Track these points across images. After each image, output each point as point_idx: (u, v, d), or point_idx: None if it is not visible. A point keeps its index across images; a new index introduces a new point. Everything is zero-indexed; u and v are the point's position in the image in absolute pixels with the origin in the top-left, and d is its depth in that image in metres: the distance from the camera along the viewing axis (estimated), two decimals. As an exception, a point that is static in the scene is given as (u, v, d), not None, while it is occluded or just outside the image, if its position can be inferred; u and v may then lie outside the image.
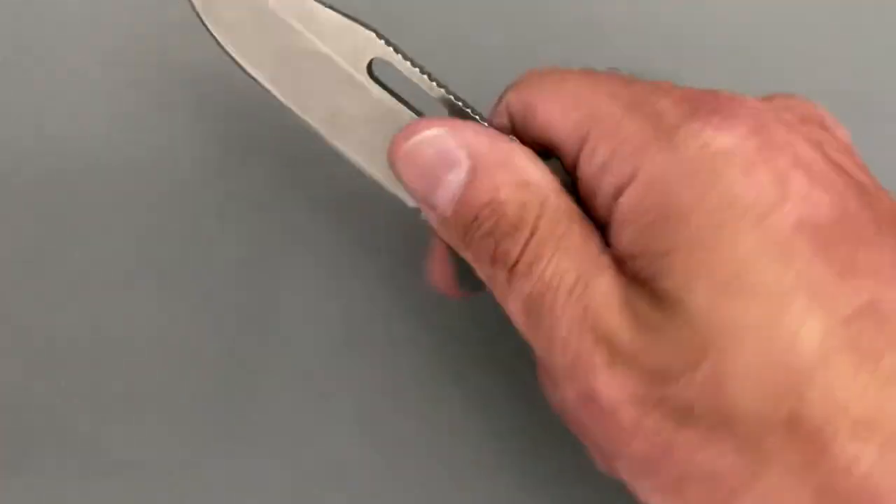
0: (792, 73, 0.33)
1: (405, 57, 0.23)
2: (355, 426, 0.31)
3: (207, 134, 0.32)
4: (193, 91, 0.32)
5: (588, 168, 0.21)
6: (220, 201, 0.31)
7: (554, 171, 0.22)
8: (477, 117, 0.24)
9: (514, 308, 0.22)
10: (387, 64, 0.23)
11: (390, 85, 0.24)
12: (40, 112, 0.32)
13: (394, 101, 0.24)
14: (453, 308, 0.31)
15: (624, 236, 0.20)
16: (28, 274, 0.31)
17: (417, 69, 0.23)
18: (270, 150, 0.32)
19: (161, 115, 0.32)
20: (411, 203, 0.24)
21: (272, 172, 0.32)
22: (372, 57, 0.23)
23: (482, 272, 0.22)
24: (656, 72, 0.32)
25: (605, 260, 0.21)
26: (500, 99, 0.24)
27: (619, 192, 0.21)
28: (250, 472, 0.31)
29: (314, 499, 0.31)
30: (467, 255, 0.22)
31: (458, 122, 0.22)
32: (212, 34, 0.24)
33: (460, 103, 0.24)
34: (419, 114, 0.24)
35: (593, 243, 0.21)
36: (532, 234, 0.21)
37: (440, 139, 0.22)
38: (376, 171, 0.24)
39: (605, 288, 0.20)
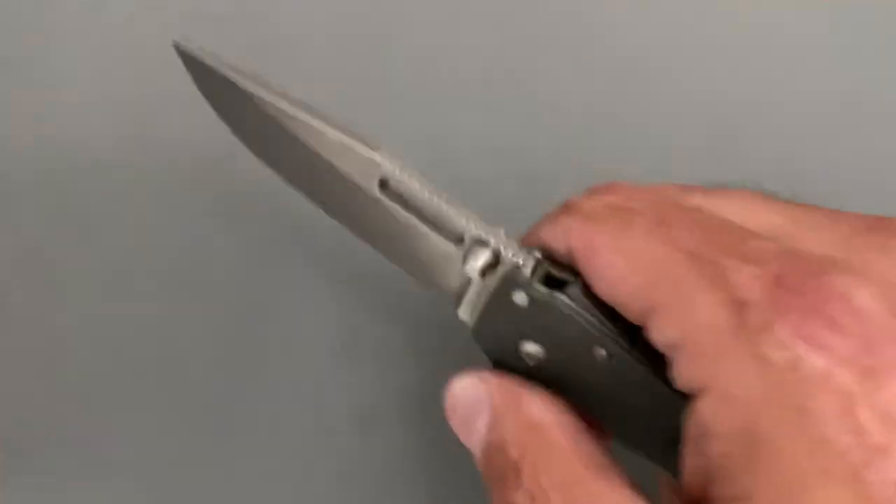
0: (788, 73, 0.33)
1: (411, 176, 0.24)
2: (355, 427, 0.31)
3: (208, 134, 0.32)
4: (194, 90, 0.32)
5: (658, 339, 0.19)
6: (221, 201, 0.31)
7: (573, 297, 0.21)
8: (481, 232, 0.23)
9: None
10: (397, 182, 0.23)
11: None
12: (41, 112, 0.32)
13: (406, 214, 0.23)
14: (454, 308, 0.31)
15: (707, 447, 0.17)
16: (28, 273, 0.31)
17: (426, 190, 0.23)
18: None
19: (162, 115, 0.32)
20: (452, 297, 0.24)
21: (273, 173, 0.32)
22: (381, 177, 0.23)
23: None
24: (654, 72, 0.32)
25: (622, 495, 0.19)
26: (554, 219, 0.22)
27: (694, 390, 0.18)
28: (250, 473, 0.31)
29: (314, 499, 0.31)
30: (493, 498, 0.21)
31: (488, 373, 0.23)
32: (243, 143, 0.25)
33: (474, 221, 0.23)
34: (432, 224, 0.24)
35: (605, 479, 0.19)
36: (534, 475, 0.20)
37: (472, 388, 0.22)
38: (397, 263, 0.24)
39: None
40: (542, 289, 0.22)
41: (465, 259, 0.23)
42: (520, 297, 0.22)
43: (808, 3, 0.33)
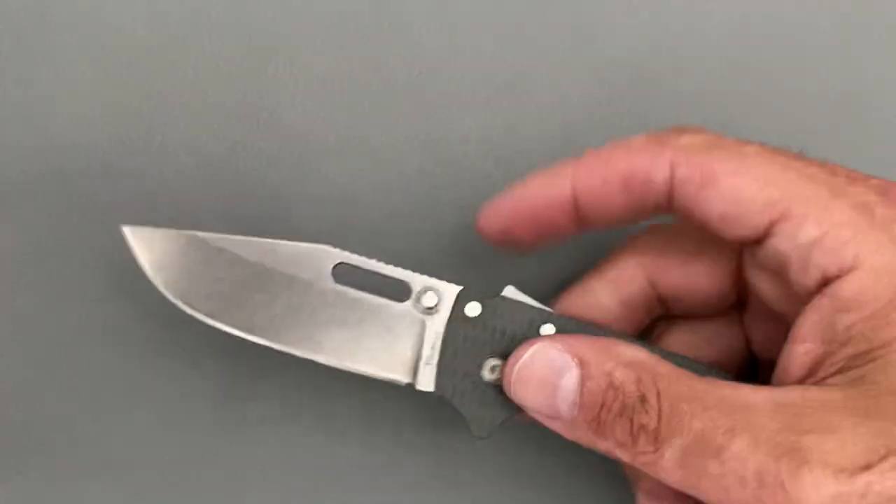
0: (786, 72, 0.33)
1: (359, 256, 0.26)
2: (355, 426, 0.31)
3: (209, 135, 0.32)
4: (195, 91, 0.32)
5: (786, 245, 0.23)
6: (221, 201, 0.31)
7: (511, 293, 0.26)
8: (425, 279, 0.26)
9: (669, 468, 0.22)
10: (349, 267, 0.26)
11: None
12: (42, 113, 0.32)
13: (362, 293, 0.26)
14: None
15: (842, 319, 0.22)
16: (28, 273, 0.31)
17: (373, 260, 0.26)
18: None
19: (162, 116, 0.32)
20: (403, 382, 0.26)
21: (274, 173, 0.32)
22: (334, 264, 0.26)
23: (626, 454, 0.23)
24: (651, 73, 0.32)
25: (738, 391, 0.22)
26: (649, 151, 0.24)
27: (833, 275, 0.22)
28: (250, 473, 0.31)
29: (314, 499, 0.31)
30: (606, 445, 0.23)
31: (557, 336, 0.25)
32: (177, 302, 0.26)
33: (416, 274, 0.26)
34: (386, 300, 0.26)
35: (716, 384, 0.22)
36: (660, 398, 0.22)
37: (543, 352, 0.24)
38: (358, 365, 0.26)
39: (764, 411, 0.21)
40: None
41: (417, 301, 0.26)
42: (472, 308, 0.26)
43: (808, 3, 0.33)
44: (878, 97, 0.33)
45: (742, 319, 0.28)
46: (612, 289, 0.27)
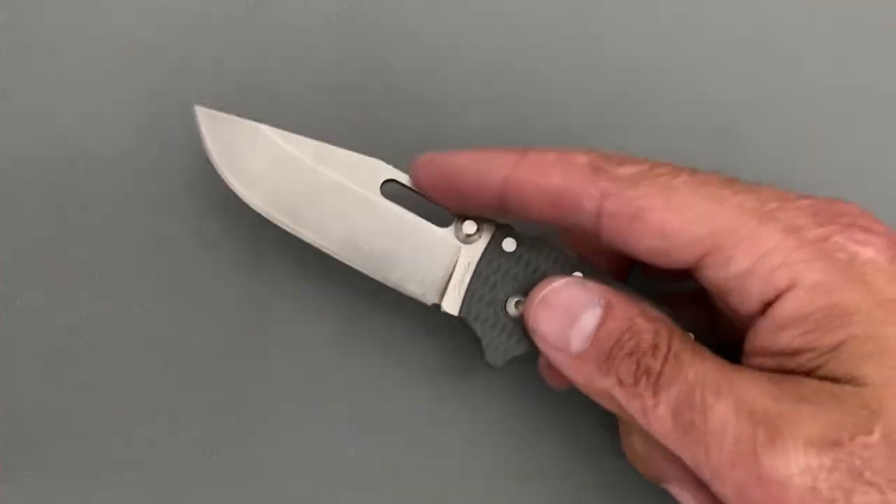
0: (785, 72, 0.33)
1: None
2: (355, 426, 0.31)
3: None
4: (196, 91, 0.32)
5: (719, 275, 0.24)
6: (222, 201, 0.31)
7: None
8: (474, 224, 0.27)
9: (661, 416, 0.23)
10: (397, 185, 0.27)
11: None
12: (44, 113, 0.32)
13: (406, 211, 0.27)
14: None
15: (784, 336, 0.23)
16: (30, 273, 0.31)
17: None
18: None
19: (163, 116, 0.32)
20: (430, 302, 0.27)
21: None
22: (384, 179, 0.27)
23: (624, 394, 0.24)
24: (651, 73, 0.32)
25: (733, 366, 0.23)
26: (581, 177, 0.25)
27: (771, 298, 0.23)
28: (250, 473, 0.31)
29: (314, 499, 0.31)
30: (606, 383, 0.24)
31: (590, 282, 0.26)
32: (234, 189, 0.28)
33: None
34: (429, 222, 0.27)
35: (717, 356, 0.24)
36: (669, 349, 0.24)
37: (574, 286, 0.25)
38: (390, 276, 0.27)
39: (748, 379, 0.23)
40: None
41: (457, 229, 0.27)
42: (508, 244, 0.27)
43: (809, 3, 0.33)
44: (877, 97, 0.33)
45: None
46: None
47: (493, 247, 0.27)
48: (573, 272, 0.26)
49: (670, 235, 0.24)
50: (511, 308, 0.26)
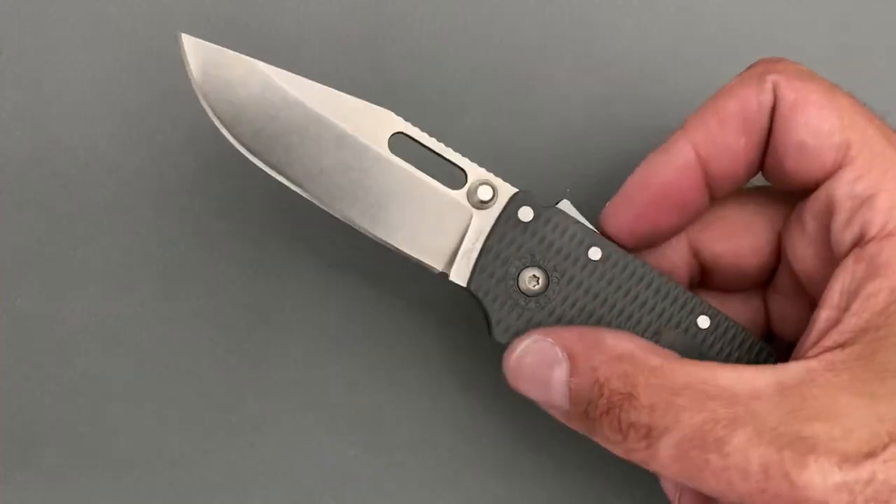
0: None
1: (422, 129, 0.25)
2: (355, 426, 0.31)
3: (210, 135, 0.32)
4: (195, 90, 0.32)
5: (841, 191, 0.23)
6: (222, 201, 0.31)
7: (566, 209, 0.25)
8: (483, 171, 0.25)
9: (665, 462, 0.22)
10: (406, 138, 0.25)
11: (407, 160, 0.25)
12: (44, 113, 0.32)
13: (415, 170, 0.25)
14: (453, 306, 0.31)
15: (865, 287, 0.22)
16: (30, 273, 0.31)
17: (434, 138, 0.25)
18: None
19: (163, 116, 0.32)
20: (437, 269, 0.25)
21: (269, 173, 0.32)
22: (393, 132, 0.25)
23: (620, 449, 0.22)
24: (651, 73, 0.32)
25: (741, 375, 0.22)
26: (754, 76, 0.24)
27: (872, 236, 0.22)
28: (250, 472, 0.31)
29: (314, 499, 0.31)
30: (599, 439, 0.23)
31: (551, 328, 0.24)
32: (235, 144, 0.25)
33: (475, 165, 0.25)
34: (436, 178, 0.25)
35: (718, 371, 0.22)
36: (651, 393, 0.22)
37: (535, 345, 0.24)
38: (396, 240, 0.25)
39: (764, 398, 0.21)
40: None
41: (471, 192, 0.25)
42: (525, 213, 0.25)
43: (809, 3, 0.33)
44: (878, 96, 0.33)
45: (765, 297, 0.28)
46: (657, 255, 0.27)
47: (508, 215, 0.25)
48: (590, 247, 0.25)
49: (823, 133, 0.23)
50: (523, 283, 0.25)
